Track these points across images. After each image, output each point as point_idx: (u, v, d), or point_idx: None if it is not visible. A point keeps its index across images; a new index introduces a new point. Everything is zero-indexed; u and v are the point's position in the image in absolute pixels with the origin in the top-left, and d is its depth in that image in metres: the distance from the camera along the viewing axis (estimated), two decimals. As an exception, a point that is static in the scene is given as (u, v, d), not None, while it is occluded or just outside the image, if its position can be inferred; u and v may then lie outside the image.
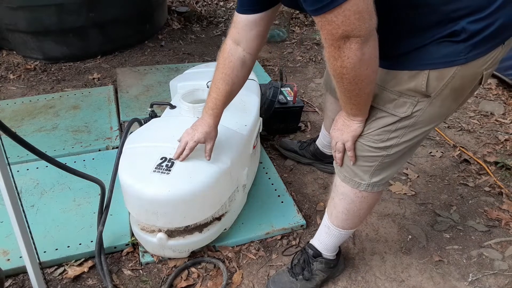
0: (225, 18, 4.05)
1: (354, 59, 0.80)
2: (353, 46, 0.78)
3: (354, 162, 1.11)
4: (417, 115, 0.97)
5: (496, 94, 2.83)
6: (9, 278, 1.41)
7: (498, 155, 2.22)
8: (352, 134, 1.05)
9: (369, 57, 0.82)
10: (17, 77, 2.77)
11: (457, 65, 0.88)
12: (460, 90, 0.94)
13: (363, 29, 0.76)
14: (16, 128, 2.15)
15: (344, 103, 0.99)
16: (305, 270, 1.39)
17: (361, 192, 1.15)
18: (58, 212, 1.63)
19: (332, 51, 0.81)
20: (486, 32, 0.84)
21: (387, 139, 1.03)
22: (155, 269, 1.48)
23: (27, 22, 2.74)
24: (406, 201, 1.88)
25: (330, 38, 0.78)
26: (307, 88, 2.83)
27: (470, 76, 0.91)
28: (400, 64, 0.94)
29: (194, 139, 1.27)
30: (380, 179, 1.13)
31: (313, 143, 2.01)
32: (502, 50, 0.91)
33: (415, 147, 1.12)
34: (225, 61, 1.19)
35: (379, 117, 1.02)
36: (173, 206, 1.30)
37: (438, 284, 1.50)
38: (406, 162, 1.17)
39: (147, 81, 2.67)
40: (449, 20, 0.84)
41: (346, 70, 0.83)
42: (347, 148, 1.09)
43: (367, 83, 0.88)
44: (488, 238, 1.70)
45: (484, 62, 0.89)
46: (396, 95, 0.97)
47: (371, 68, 0.85)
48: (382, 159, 1.07)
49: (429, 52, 0.88)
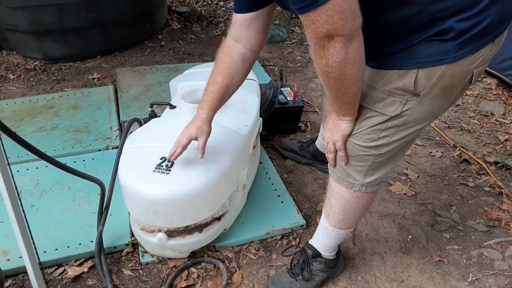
0: (225, 18, 4.05)
1: (338, 57, 0.81)
2: (337, 45, 0.79)
3: (346, 162, 1.11)
4: (407, 114, 0.98)
5: (496, 94, 2.83)
6: (9, 278, 1.41)
7: (498, 155, 2.22)
8: (341, 134, 1.06)
9: (354, 56, 0.83)
10: (17, 77, 2.77)
11: (446, 63, 0.88)
12: (450, 89, 0.95)
13: (346, 29, 0.77)
14: (16, 128, 2.14)
15: (332, 102, 0.99)
16: (304, 271, 1.39)
17: (356, 192, 1.16)
18: (58, 212, 1.63)
19: (317, 50, 0.82)
20: (475, 31, 0.84)
21: (377, 138, 1.03)
22: (155, 269, 1.48)
23: (27, 22, 2.74)
24: (406, 201, 1.87)
25: (315, 36, 0.80)
26: (307, 88, 2.83)
27: (459, 75, 0.91)
28: (389, 64, 0.95)
29: (185, 135, 1.24)
30: (374, 179, 1.13)
31: (312, 143, 2.01)
32: (492, 49, 0.91)
33: (406, 147, 1.12)
34: (224, 55, 1.18)
35: (368, 116, 1.02)
36: (173, 206, 1.30)
37: (438, 284, 1.50)
38: (398, 162, 1.17)
39: (147, 81, 2.67)
40: (436, 19, 0.84)
41: (331, 68, 0.84)
42: (338, 148, 1.09)
43: (353, 82, 0.89)
44: (488, 238, 1.70)
45: (473, 61, 0.89)
46: (385, 94, 0.97)
47: (356, 67, 0.85)
48: (374, 158, 1.07)
49: (418, 51, 0.89)
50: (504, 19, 0.89)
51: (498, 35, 0.91)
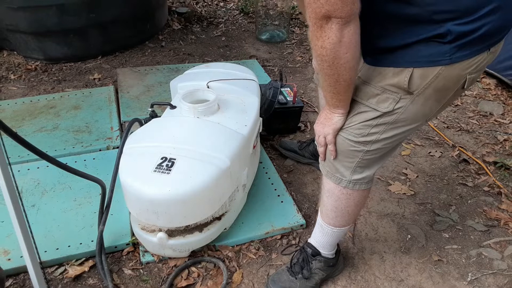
0: (225, 18, 4.06)
1: (334, 39, 0.84)
2: (333, 26, 0.82)
3: (335, 157, 1.12)
4: (399, 112, 0.99)
5: (495, 94, 2.84)
6: (10, 278, 1.41)
7: (497, 155, 2.23)
8: (333, 127, 1.07)
9: (349, 40, 0.85)
10: (18, 77, 2.77)
11: (441, 65, 0.89)
12: (443, 91, 0.96)
13: (344, 11, 0.80)
14: (17, 128, 2.15)
15: (324, 91, 1.01)
16: (304, 269, 1.40)
17: (345, 189, 1.17)
18: (59, 212, 1.64)
19: (315, 30, 0.86)
20: (473, 36, 0.86)
21: (367, 133, 1.04)
22: (155, 268, 1.49)
23: (28, 22, 2.75)
24: (405, 201, 1.88)
25: (314, 16, 0.83)
26: (307, 88, 2.84)
27: (453, 78, 0.93)
28: (386, 61, 0.96)
29: None
30: (362, 177, 1.14)
31: (312, 143, 2.01)
32: (488, 57, 0.93)
33: (394, 148, 1.13)
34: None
35: (361, 111, 1.03)
36: (174, 206, 1.30)
37: (437, 283, 1.50)
38: (384, 162, 1.18)
39: (147, 81, 2.67)
40: (435, 21, 0.85)
41: (325, 51, 0.87)
42: (328, 142, 1.10)
43: (346, 68, 0.90)
44: (487, 238, 1.70)
45: (468, 66, 0.91)
46: (379, 90, 0.98)
47: (350, 52, 0.87)
48: (363, 155, 1.08)
49: (415, 50, 0.90)
50: (502, 28, 0.91)
51: (495, 43, 0.92)
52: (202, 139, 1.43)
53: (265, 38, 3.60)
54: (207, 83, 1.68)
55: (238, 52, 3.38)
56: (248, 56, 3.29)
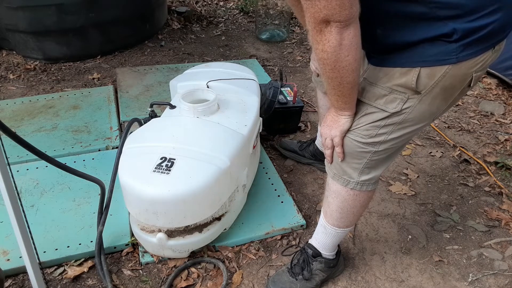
0: (225, 18, 4.05)
1: (334, 43, 0.84)
2: (333, 30, 0.82)
3: (342, 159, 1.11)
4: (407, 112, 0.99)
5: (496, 94, 2.84)
6: (9, 278, 1.41)
7: (498, 155, 2.22)
8: (340, 129, 1.06)
9: (350, 43, 0.85)
10: (17, 77, 2.76)
11: (448, 64, 0.89)
12: (450, 90, 0.96)
13: (343, 15, 0.80)
14: (16, 128, 2.14)
15: (329, 94, 1.01)
16: (304, 270, 1.39)
17: (352, 190, 1.16)
18: (58, 212, 1.63)
19: (315, 34, 0.85)
20: (478, 34, 0.86)
21: (375, 134, 1.04)
22: (155, 269, 1.48)
23: (27, 22, 2.74)
24: (406, 201, 1.87)
25: (313, 21, 0.83)
26: (307, 88, 2.83)
27: (460, 77, 0.93)
28: (392, 61, 0.96)
29: None
30: (369, 177, 1.14)
31: (312, 143, 2.01)
32: (492, 55, 0.93)
33: (401, 148, 1.13)
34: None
35: (368, 112, 1.03)
36: (173, 206, 1.30)
37: (438, 284, 1.50)
38: (392, 162, 1.18)
39: (147, 81, 2.67)
40: (440, 18, 0.85)
41: (327, 54, 0.86)
42: (335, 144, 1.10)
43: (348, 71, 0.90)
44: (488, 238, 1.70)
45: (474, 64, 0.91)
46: (386, 91, 0.98)
47: (351, 55, 0.87)
48: (371, 156, 1.08)
49: (422, 50, 0.90)
50: (507, 26, 0.91)
51: (499, 41, 0.92)
52: (202, 139, 1.42)
53: (265, 38, 3.59)
54: (206, 83, 1.68)
55: (238, 51, 3.37)
56: (248, 56, 3.29)
